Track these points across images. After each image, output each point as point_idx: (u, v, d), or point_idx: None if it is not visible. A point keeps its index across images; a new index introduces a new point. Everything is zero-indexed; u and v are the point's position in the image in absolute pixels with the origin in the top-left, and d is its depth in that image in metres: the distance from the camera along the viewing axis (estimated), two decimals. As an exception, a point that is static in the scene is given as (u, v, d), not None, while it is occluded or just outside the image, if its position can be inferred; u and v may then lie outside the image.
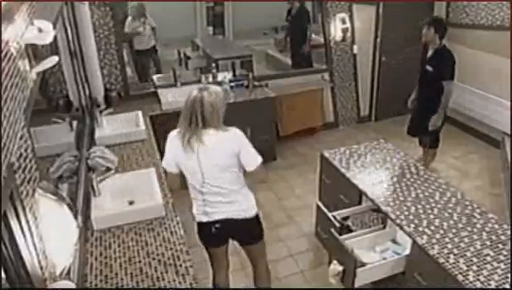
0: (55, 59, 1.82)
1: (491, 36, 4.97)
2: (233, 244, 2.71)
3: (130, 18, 5.47)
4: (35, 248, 1.39)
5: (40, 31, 1.66)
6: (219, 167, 2.32)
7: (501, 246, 2.46)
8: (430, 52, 4.11)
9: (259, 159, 2.41)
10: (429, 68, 4.09)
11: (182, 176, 2.47)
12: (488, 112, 5.08)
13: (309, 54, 5.95)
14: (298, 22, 5.88)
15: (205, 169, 2.34)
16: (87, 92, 3.75)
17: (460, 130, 5.56)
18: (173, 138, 2.39)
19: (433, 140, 4.49)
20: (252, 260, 2.76)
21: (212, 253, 2.70)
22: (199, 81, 4.86)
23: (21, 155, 1.44)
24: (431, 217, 2.72)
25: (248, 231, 2.57)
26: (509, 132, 4.63)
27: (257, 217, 2.53)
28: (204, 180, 2.37)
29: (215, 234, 2.52)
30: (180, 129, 2.34)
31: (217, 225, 2.47)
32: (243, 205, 2.45)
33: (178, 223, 2.51)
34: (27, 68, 1.67)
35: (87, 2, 3.71)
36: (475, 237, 2.54)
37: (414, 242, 2.56)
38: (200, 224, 2.54)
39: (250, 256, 2.74)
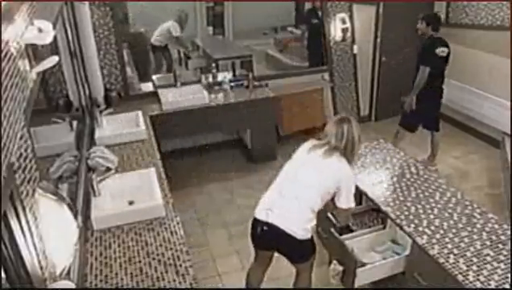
0: (55, 59, 1.82)
1: (491, 36, 4.98)
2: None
3: (174, 22, 5.78)
4: (35, 248, 1.39)
5: (40, 31, 1.66)
6: (315, 182, 2.47)
7: (501, 246, 2.46)
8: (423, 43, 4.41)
9: (351, 205, 2.56)
10: (419, 57, 4.41)
11: None
12: (488, 112, 5.07)
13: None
14: None
15: (304, 174, 2.50)
16: (87, 92, 3.75)
17: (460, 130, 5.56)
18: (310, 142, 2.61)
19: (402, 122, 4.71)
20: (296, 270, 2.78)
21: (256, 251, 2.75)
22: (199, 81, 4.87)
23: (21, 155, 1.44)
24: (431, 217, 2.72)
25: (292, 250, 2.57)
26: (509, 132, 4.63)
27: (308, 242, 2.53)
28: (294, 181, 2.50)
29: (260, 236, 2.53)
30: (323, 140, 2.55)
31: (265, 228, 2.48)
32: (299, 225, 2.45)
33: (178, 223, 2.51)
34: (27, 68, 1.67)
35: (87, 2, 3.71)
36: (475, 237, 2.54)
37: (414, 242, 2.56)
38: (254, 219, 2.55)
39: (295, 268, 2.76)
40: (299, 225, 2.44)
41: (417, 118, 4.55)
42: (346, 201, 2.52)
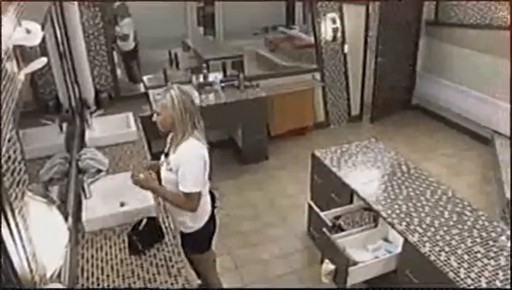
0: (43, 60, 1.80)
1: (479, 35, 5.02)
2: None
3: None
4: (25, 251, 1.38)
5: (28, 32, 1.64)
6: None
7: (491, 242, 2.48)
8: None
9: None
10: None
11: None
12: (478, 110, 5.12)
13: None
14: None
15: None
16: (77, 93, 3.73)
17: (450, 128, 5.61)
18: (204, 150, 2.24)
19: None
20: None
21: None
22: (190, 82, 4.86)
23: (9, 157, 1.43)
24: (423, 215, 2.74)
25: None
26: (499, 130, 4.69)
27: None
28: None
29: None
30: (199, 135, 2.23)
31: None
32: None
33: (169, 224, 2.50)
34: (15, 69, 1.65)
35: (76, 2, 3.68)
36: (466, 234, 2.56)
37: (406, 240, 2.58)
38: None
39: None
40: None
41: None
42: None
